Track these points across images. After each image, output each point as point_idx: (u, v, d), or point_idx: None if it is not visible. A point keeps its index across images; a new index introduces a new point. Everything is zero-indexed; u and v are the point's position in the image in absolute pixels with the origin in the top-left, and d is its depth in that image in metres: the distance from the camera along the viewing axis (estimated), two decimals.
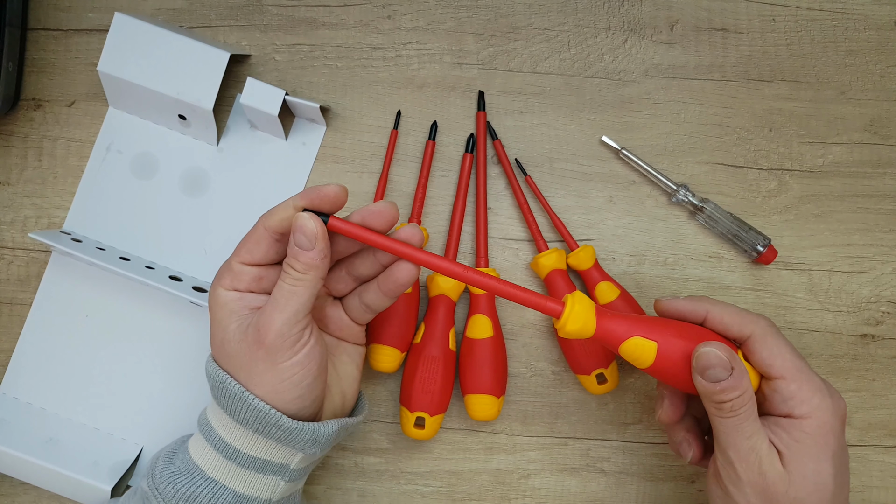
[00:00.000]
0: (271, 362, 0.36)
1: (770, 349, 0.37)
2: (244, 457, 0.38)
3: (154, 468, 0.39)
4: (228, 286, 0.38)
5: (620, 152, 0.50)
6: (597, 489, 0.50)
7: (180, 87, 0.46)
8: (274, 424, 0.37)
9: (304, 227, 0.36)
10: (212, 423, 0.39)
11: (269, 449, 0.38)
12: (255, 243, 0.38)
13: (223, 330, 0.38)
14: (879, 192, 0.51)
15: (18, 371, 0.49)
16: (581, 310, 0.37)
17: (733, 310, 0.39)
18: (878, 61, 0.52)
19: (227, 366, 0.38)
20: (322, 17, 0.51)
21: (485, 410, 0.47)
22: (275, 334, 0.36)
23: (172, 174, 0.50)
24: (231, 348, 0.37)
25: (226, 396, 0.37)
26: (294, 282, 0.36)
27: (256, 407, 0.36)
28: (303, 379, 0.37)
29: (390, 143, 0.50)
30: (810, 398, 0.36)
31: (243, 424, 0.37)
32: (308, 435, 0.38)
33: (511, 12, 0.51)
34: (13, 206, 0.50)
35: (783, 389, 0.37)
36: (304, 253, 0.36)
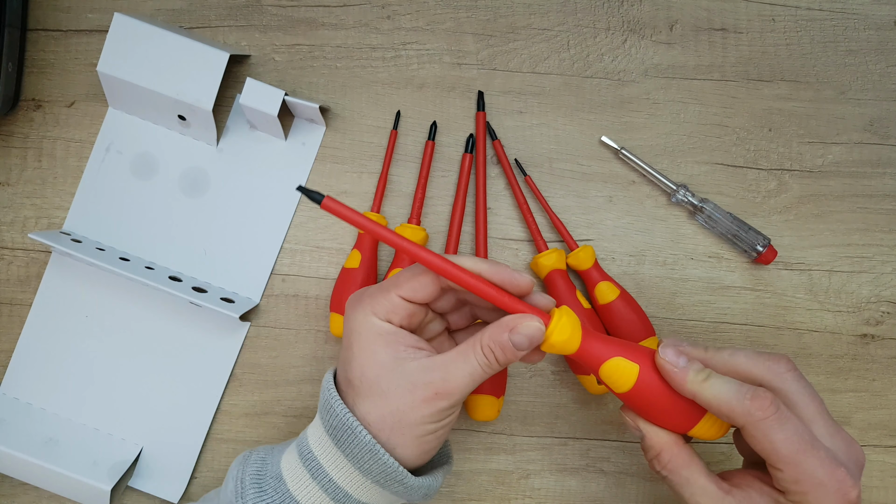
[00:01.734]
0: (430, 420, 0.35)
1: (761, 445, 0.34)
2: (353, 501, 0.37)
3: (244, 495, 0.37)
4: (383, 316, 0.36)
5: (620, 152, 0.50)
6: (597, 489, 0.50)
7: (180, 88, 0.46)
8: (399, 481, 0.36)
9: (532, 335, 0.35)
10: (321, 461, 0.37)
11: (380, 497, 0.37)
12: (424, 286, 0.36)
13: (377, 364, 0.36)
14: (879, 192, 0.51)
15: (18, 371, 0.49)
16: (567, 323, 0.36)
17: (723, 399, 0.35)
18: (878, 61, 0.52)
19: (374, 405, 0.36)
20: (322, 18, 0.51)
21: (485, 410, 0.47)
22: (451, 403, 0.35)
23: (172, 174, 0.50)
24: (388, 388, 0.35)
25: (352, 442, 0.35)
26: (489, 368, 0.36)
27: (387, 463, 0.35)
28: (444, 436, 0.37)
29: (390, 143, 0.50)
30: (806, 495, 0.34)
31: (363, 474, 0.36)
32: (424, 491, 0.37)
33: (511, 12, 0.51)
34: (13, 206, 0.50)
35: (780, 478, 0.35)
36: (514, 352, 0.35)
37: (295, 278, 0.50)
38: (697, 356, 0.37)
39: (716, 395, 0.35)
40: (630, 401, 0.37)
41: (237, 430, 0.50)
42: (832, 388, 0.50)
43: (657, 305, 0.50)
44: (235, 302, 0.48)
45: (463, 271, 0.35)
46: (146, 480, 0.49)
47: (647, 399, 0.37)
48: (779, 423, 0.34)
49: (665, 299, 0.50)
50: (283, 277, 0.50)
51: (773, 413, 0.34)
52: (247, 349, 0.50)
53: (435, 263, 0.35)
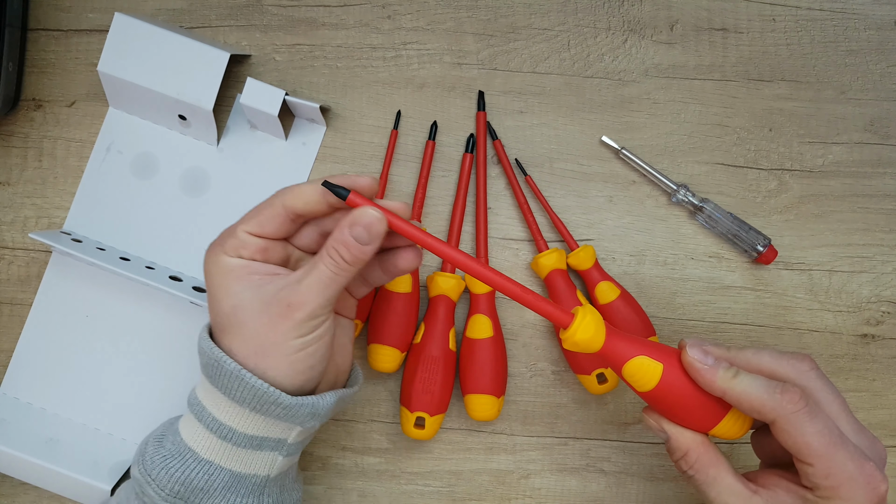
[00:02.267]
0: (292, 335, 0.35)
1: (793, 439, 0.34)
2: (240, 436, 0.37)
3: (144, 453, 0.38)
4: (232, 253, 0.37)
5: (620, 152, 0.50)
6: (597, 489, 0.50)
7: (180, 88, 0.46)
8: (273, 402, 0.36)
9: (369, 223, 0.35)
10: (203, 403, 0.38)
11: (266, 426, 0.37)
12: (270, 218, 0.37)
13: (232, 296, 0.36)
14: (879, 191, 0.51)
15: (18, 371, 0.49)
16: (590, 322, 0.36)
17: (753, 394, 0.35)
18: (878, 61, 0.52)
19: (234, 336, 0.36)
20: (322, 18, 0.51)
21: (485, 410, 0.47)
22: (308, 314, 0.35)
23: (172, 174, 0.50)
24: (246, 316, 0.36)
25: (221, 374, 0.36)
26: (339, 270, 0.35)
27: (255, 385, 0.35)
28: (317, 350, 0.36)
29: (390, 143, 0.50)
30: (838, 490, 0.34)
31: (239, 403, 0.36)
32: (308, 409, 0.37)
33: (511, 12, 0.51)
34: (13, 206, 0.50)
35: (810, 474, 0.34)
36: (358, 247, 0.35)
37: None
38: (722, 355, 0.37)
39: (746, 391, 0.35)
40: (653, 400, 0.37)
41: None
42: None
43: (657, 305, 0.50)
44: None
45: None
46: None
47: (670, 398, 0.37)
48: (809, 416, 0.34)
49: (665, 299, 0.50)
50: None
51: (804, 406, 0.34)
52: None
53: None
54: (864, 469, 0.34)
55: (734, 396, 0.36)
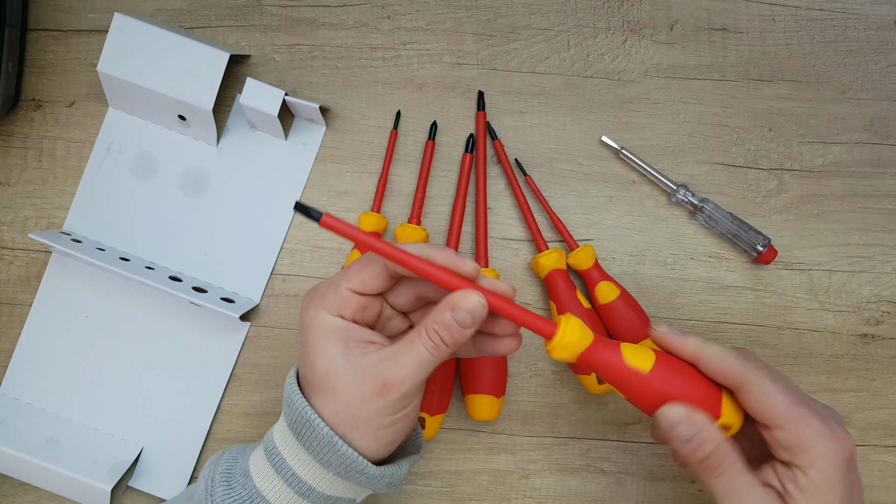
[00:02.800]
0: (384, 414, 0.35)
1: (760, 402, 0.35)
2: (317, 494, 0.37)
3: (213, 493, 0.37)
4: (334, 311, 0.36)
5: (620, 152, 0.50)
6: (597, 489, 0.50)
7: (180, 88, 0.46)
8: (360, 471, 0.36)
9: (472, 309, 0.34)
10: (284, 455, 0.37)
11: (344, 489, 0.37)
12: (373, 276, 0.36)
13: (328, 359, 0.35)
14: (879, 191, 0.51)
15: (18, 371, 0.49)
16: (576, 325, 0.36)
17: (723, 356, 0.36)
18: (878, 61, 0.52)
19: (326, 401, 0.36)
20: (322, 18, 0.51)
21: (485, 410, 0.47)
22: (402, 394, 0.35)
23: (172, 174, 0.50)
24: (340, 385, 0.35)
25: (312, 436, 0.35)
26: (436, 351, 0.35)
27: (346, 454, 0.35)
28: (404, 428, 0.36)
29: (390, 143, 0.50)
30: (809, 447, 0.35)
31: (324, 466, 0.36)
32: (388, 479, 0.37)
33: (511, 12, 0.51)
34: (13, 206, 0.50)
35: (781, 439, 0.35)
36: (459, 330, 0.35)
37: (295, 278, 0.50)
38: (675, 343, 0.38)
39: (717, 354, 0.36)
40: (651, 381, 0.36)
41: (237, 430, 0.50)
42: (832, 388, 0.50)
43: (657, 305, 0.50)
44: (236, 302, 0.48)
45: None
46: (146, 480, 0.49)
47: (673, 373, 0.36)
48: (773, 379, 0.36)
49: (665, 299, 0.50)
50: (283, 277, 0.50)
51: (768, 371, 0.36)
52: (247, 349, 0.50)
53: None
54: (829, 426, 0.35)
55: (705, 360, 0.36)
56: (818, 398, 0.50)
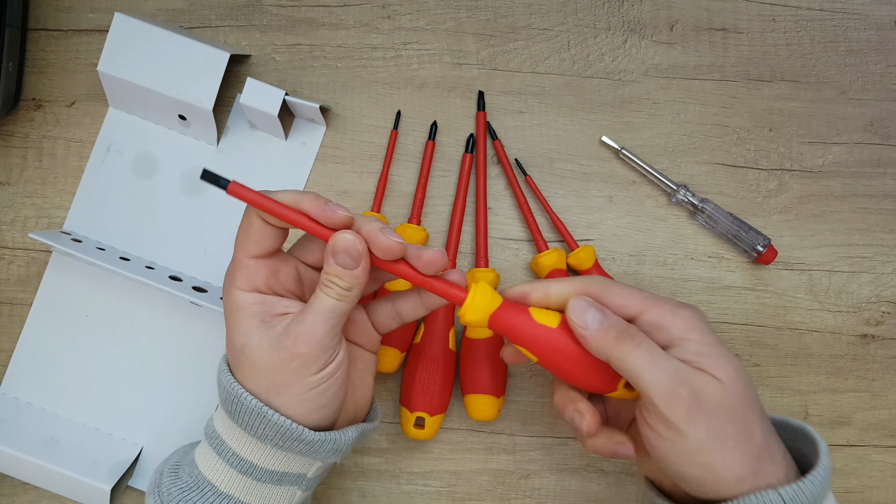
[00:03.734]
0: (302, 373, 0.35)
1: (616, 296, 0.37)
2: (261, 471, 0.37)
3: (160, 484, 0.38)
4: (246, 286, 0.37)
5: (620, 152, 0.50)
6: (597, 489, 0.50)
7: (180, 88, 0.46)
8: (296, 438, 0.36)
9: (348, 248, 0.35)
10: (223, 437, 0.37)
11: (288, 461, 0.37)
12: (260, 234, 0.36)
13: (244, 335, 0.36)
14: (879, 192, 0.51)
15: (18, 371, 0.49)
16: (482, 298, 0.37)
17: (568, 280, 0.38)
18: (878, 61, 0.52)
19: (246, 374, 0.36)
20: (322, 18, 0.51)
21: (485, 410, 0.47)
22: (315, 346, 0.35)
23: (172, 174, 0.50)
24: (256, 355, 0.36)
25: (242, 411, 0.36)
26: (338, 297, 0.35)
27: (278, 423, 0.35)
28: (329, 388, 0.36)
29: (390, 143, 0.50)
30: (675, 318, 0.36)
31: (261, 440, 0.36)
32: (330, 445, 0.37)
33: (511, 12, 0.51)
34: (13, 206, 0.50)
35: (650, 321, 0.36)
36: (349, 273, 0.35)
37: None
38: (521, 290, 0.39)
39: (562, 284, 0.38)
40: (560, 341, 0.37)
41: None
42: (832, 388, 0.50)
43: None
44: None
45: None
46: (146, 480, 0.49)
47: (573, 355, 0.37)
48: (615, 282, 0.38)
49: None
50: None
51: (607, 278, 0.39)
52: None
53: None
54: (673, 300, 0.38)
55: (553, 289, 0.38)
56: (818, 398, 0.50)
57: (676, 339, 0.36)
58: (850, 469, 0.50)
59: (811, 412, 0.50)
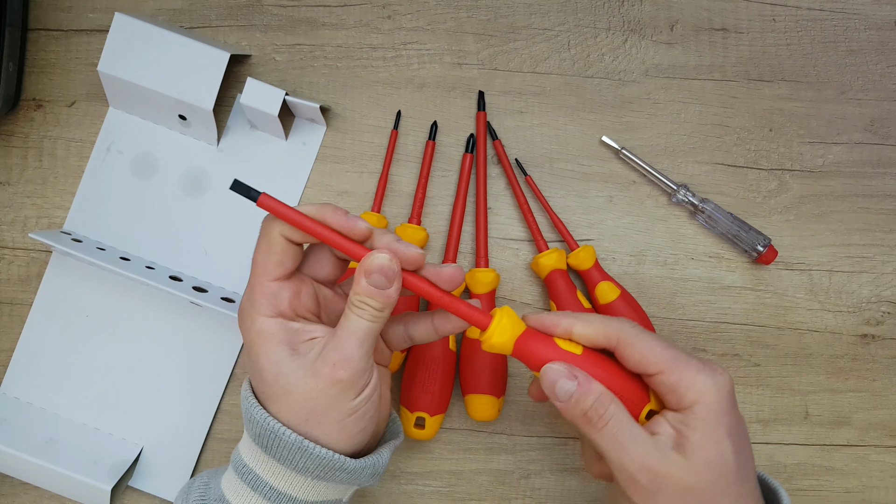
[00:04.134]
0: (343, 399, 0.34)
1: (639, 349, 0.36)
2: (299, 502, 0.36)
3: None
4: (269, 312, 0.35)
5: (620, 152, 0.50)
6: (597, 489, 0.50)
7: (180, 88, 0.46)
8: (338, 469, 0.35)
9: (384, 268, 0.34)
10: (257, 472, 0.36)
11: (327, 490, 0.36)
12: (284, 255, 0.35)
13: (276, 364, 0.35)
14: (879, 192, 0.51)
15: (18, 371, 0.49)
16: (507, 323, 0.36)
17: (595, 322, 0.37)
18: (878, 61, 0.52)
19: (282, 405, 0.35)
20: (322, 18, 0.51)
21: (485, 410, 0.47)
22: (354, 370, 0.34)
23: (172, 174, 0.50)
24: (292, 385, 0.34)
25: (279, 446, 0.35)
26: (372, 318, 0.35)
27: (320, 455, 0.34)
28: (367, 412, 0.35)
29: (390, 143, 0.50)
30: (692, 384, 0.35)
31: (301, 473, 0.35)
32: (370, 470, 0.37)
33: (511, 12, 0.51)
34: (13, 206, 0.50)
35: (666, 383, 0.35)
36: (381, 293, 0.34)
37: None
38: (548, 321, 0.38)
39: (590, 320, 0.37)
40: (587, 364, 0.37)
41: (237, 430, 0.49)
42: (832, 388, 0.50)
43: (657, 305, 0.50)
44: (236, 302, 0.48)
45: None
46: (146, 480, 0.49)
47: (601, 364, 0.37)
48: (644, 331, 0.37)
49: (665, 299, 0.50)
50: None
51: (639, 326, 0.37)
52: None
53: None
54: (706, 363, 0.36)
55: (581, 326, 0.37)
56: (818, 398, 0.50)
57: (684, 407, 0.35)
58: (850, 469, 0.50)
59: (811, 412, 0.50)
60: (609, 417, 0.35)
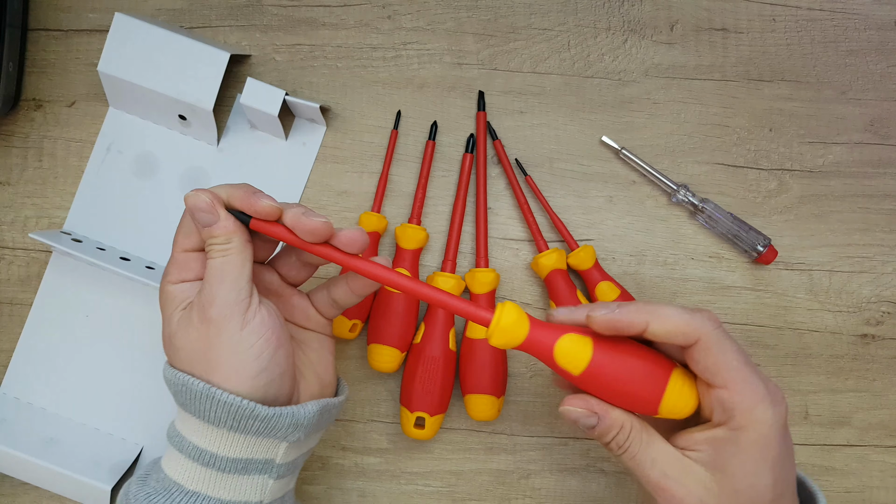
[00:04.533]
0: (225, 338, 0.35)
1: (714, 357, 0.34)
2: (223, 460, 0.36)
3: (127, 494, 0.36)
4: (176, 279, 0.37)
5: (620, 152, 0.50)
6: (597, 489, 0.50)
7: (180, 88, 0.46)
8: (249, 416, 0.35)
9: (196, 205, 0.36)
10: (182, 433, 0.37)
11: (249, 445, 0.36)
12: (191, 228, 0.37)
13: (169, 324, 0.37)
14: (879, 192, 0.51)
15: (18, 371, 0.49)
16: (511, 316, 0.35)
17: (676, 316, 0.34)
18: (878, 61, 0.52)
19: (183, 363, 0.36)
20: (322, 17, 0.51)
21: (485, 410, 0.47)
22: (219, 304, 0.35)
23: (172, 174, 0.50)
24: (179, 340, 0.36)
25: (191, 398, 0.35)
26: (221, 253, 0.36)
27: (227, 401, 0.34)
28: (262, 349, 0.35)
29: (390, 143, 0.50)
30: (752, 409, 0.34)
31: (216, 424, 0.35)
32: (288, 420, 0.36)
33: (511, 12, 0.51)
34: (13, 206, 0.50)
35: (725, 400, 0.34)
36: (210, 229, 0.36)
37: None
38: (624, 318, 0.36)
39: (669, 314, 0.34)
40: (589, 380, 0.36)
41: None
42: (832, 388, 0.50)
43: None
44: None
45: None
46: None
47: (608, 372, 0.35)
48: (726, 335, 0.35)
49: (665, 299, 0.50)
50: None
51: (721, 326, 0.35)
52: None
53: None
54: (771, 389, 0.34)
55: (658, 323, 0.34)
56: (818, 398, 0.50)
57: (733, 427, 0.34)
58: (851, 469, 0.50)
59: (811, 412, 0.50)
60: (628, 445, 0.36)
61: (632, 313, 0.35)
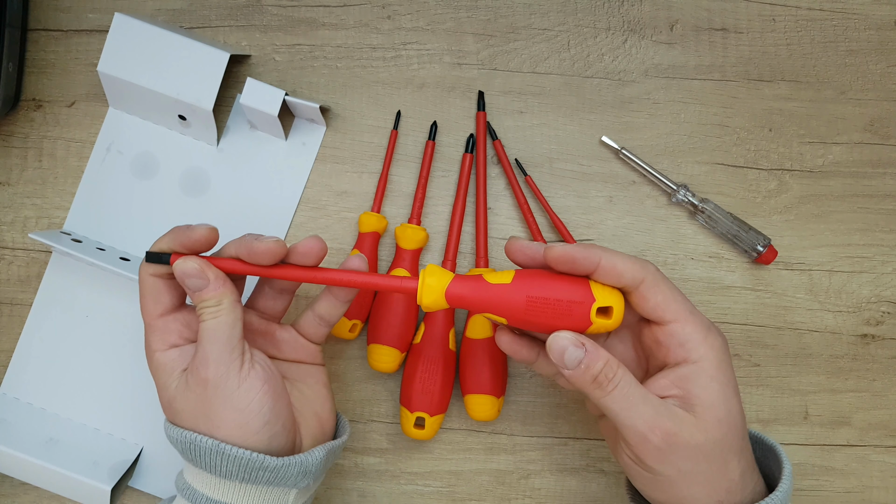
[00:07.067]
0: (223, 396, 0.36)
1: (664, 293, 0.36)
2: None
3: None
4: (162, 346, 0.38)
5: (620, 152, 0.50)
6: (597, 489, 0.50)
7: (180, 88, 0.46)
8: (259, 468, 0.36)
9: (185, 272, 0.36)
10: (194, 486, 0.37)
11: (261, 494, 0.37)
12: (158, 293, 0.38)
13: (166, 389, 0.37)
14: (879, 192, 0.51)
15: (18, 371, 0.49)
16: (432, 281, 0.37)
17: (625, 256, 0.36)
18: (878, 61, 0.52)
19: (186, 422, 0.37)
20: (322, 18, 0.51)
21: (485, 410, 0.47)
22: (213, 365, 0.36)
23: (172, 174, 0.50)
24: (179, 403, 0.37)
25: (199, 455, 0.36)
26: (212, 315, 0.36)
27: (236, 455, 0.35)
28: (262, 405, 0.36)
29: (390, 143, 0.50)
30: (705, 337, 0.36)
31: (227, 478, 0.36)
32: (297, 468, 0.37)
33: (511, 12, 0.51)
34: (13, 206, 0.50)
35: (679, 332, 0.36)
36: (201, 294, 0.36)
37: None
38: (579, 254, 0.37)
39: (619, 254, 0.36)
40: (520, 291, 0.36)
41: None
42: (832, 388, 0.50)
43: None
44: None
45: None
46: (146, 480, 0.49)
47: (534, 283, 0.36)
48: (666, 278, 0.37)
49: None
50: None
51: (660, 270, 0.37)
52: None
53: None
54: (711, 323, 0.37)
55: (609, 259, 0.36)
56: (818, 398, 0.51)
57: (691, 362, 0.36)
58: (850, 469, 0.50)
59: (811, 412, 0.50)
60: (618, 381, 0.35)
61: (587, 249, 0.36)
